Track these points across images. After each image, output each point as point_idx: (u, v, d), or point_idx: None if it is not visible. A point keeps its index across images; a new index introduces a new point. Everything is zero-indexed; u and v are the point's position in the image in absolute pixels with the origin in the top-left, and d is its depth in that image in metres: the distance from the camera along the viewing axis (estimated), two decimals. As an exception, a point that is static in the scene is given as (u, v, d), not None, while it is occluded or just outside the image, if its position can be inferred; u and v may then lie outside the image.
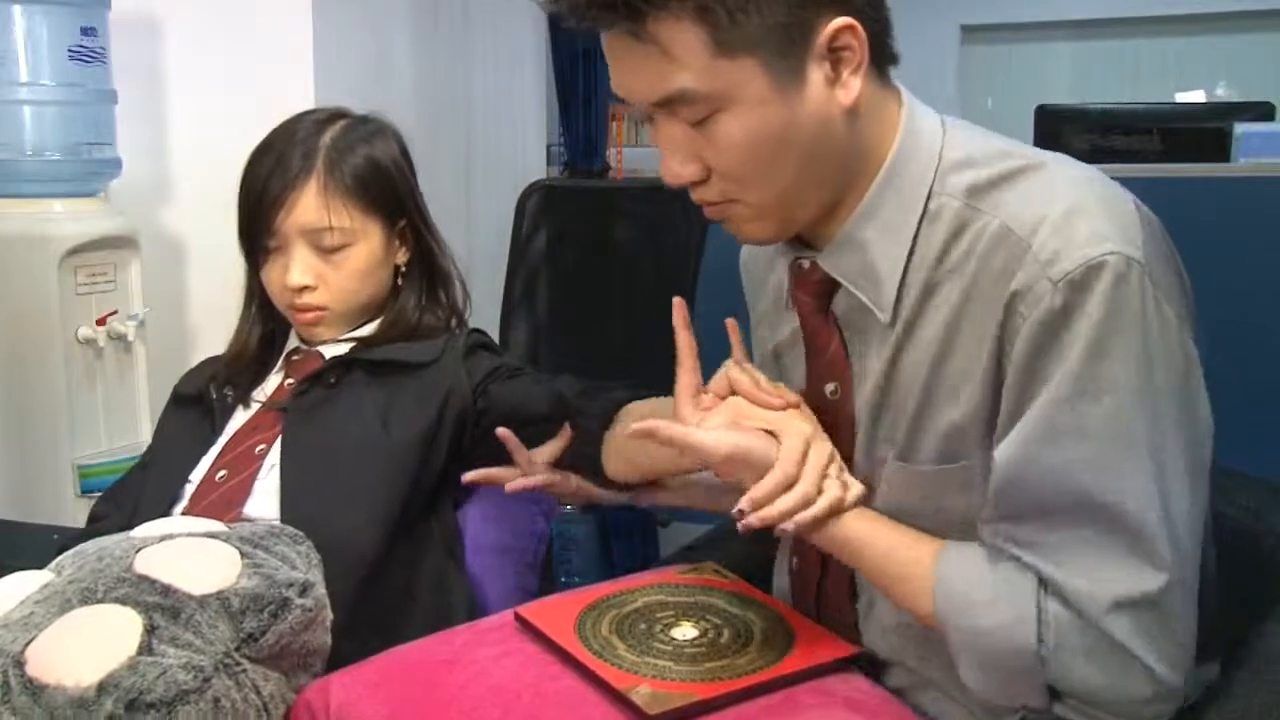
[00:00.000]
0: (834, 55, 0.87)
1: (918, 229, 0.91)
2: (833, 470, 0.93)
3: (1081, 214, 0.83)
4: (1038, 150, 0.92)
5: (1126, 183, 0.90)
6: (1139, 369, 0.81)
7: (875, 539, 0.93)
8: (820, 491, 0.91)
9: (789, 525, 0.89)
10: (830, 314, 0.97)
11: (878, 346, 0.94)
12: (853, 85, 0.88)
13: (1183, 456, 0.84)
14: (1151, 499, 0.82)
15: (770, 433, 0.93)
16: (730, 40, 0.84)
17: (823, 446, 0.93)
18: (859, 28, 0.87)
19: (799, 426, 0.93)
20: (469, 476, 1.22)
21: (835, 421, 0.97)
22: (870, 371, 0.95)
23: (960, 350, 0.88)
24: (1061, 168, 0.90)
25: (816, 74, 0.87)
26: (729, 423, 0.94)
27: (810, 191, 0.91)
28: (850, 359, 0.96)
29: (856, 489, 0.93)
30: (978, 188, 0.89)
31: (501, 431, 1.19)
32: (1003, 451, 0.85)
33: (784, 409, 0.96)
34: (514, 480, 1.18)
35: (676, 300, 1.01)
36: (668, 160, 0.91)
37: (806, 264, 0.97)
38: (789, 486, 0.89)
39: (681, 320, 1.01)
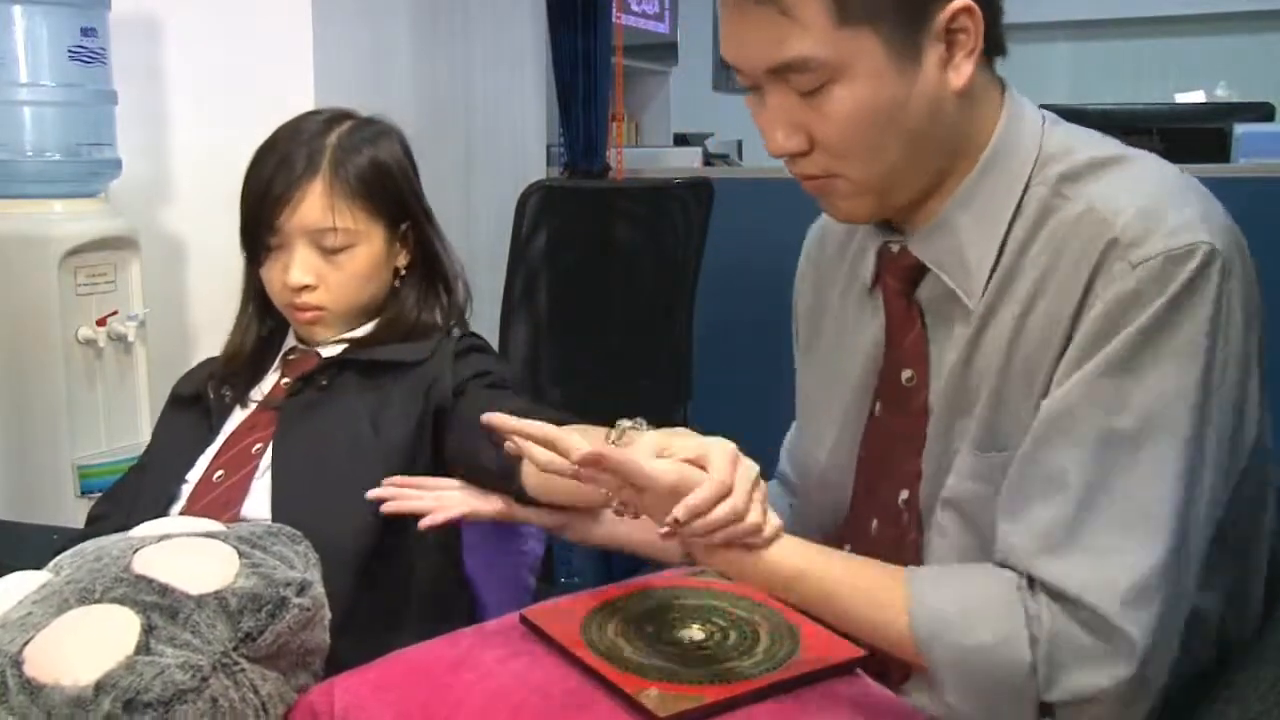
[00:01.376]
0: (950, 37, 0.88)
1: (1012, 220, 0.91)
2: (757, 495, 0.89)
3: (1169, 204, 0.84)
4: (1133, 148, 0.93)
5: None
6: (1196, 360, 0.82)
7: (831, 567, 0.91)
8: (749, 508, 0.87)
9: (718, 537, 0.86)
10: (914, 301, 0.97)
11: (958, 334, 0.94)
12: (965, 69, 0.89)
13: (1219, 451, 0.84)
14: (1166, 486, 0.81)
15: (694, 463, 0.88)
16: (854, 9, 0.85)
17: (748, 464, 0.90)
18: (977, 11, 0.87)
19: (724, 444, 0.90)
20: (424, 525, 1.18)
21: (909, 410, 0.97)
22: (949, 361, 0.95)
23: (1033, 333, 0.88)
24: (1154, 162, 0.90)
25: (932, 54, 0.88)
26: (659, 452, 0.89)
27: (912, 171, 0.92)
28: (929, 346, 0.96)
29: (776, 520, 0.90)
30: (1067, 175, 0.90)
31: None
32: (1043, 408, 0.85)
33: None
34: (427, 518, 1.16)
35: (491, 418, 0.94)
36: (772, 130, 0.91)
37: (896, 248, 0.97)
38: (723, 497, 0.85)
39: (513, 428, 0.94)
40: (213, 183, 2.01)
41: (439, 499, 1.19)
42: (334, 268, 1.26)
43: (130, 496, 1.30)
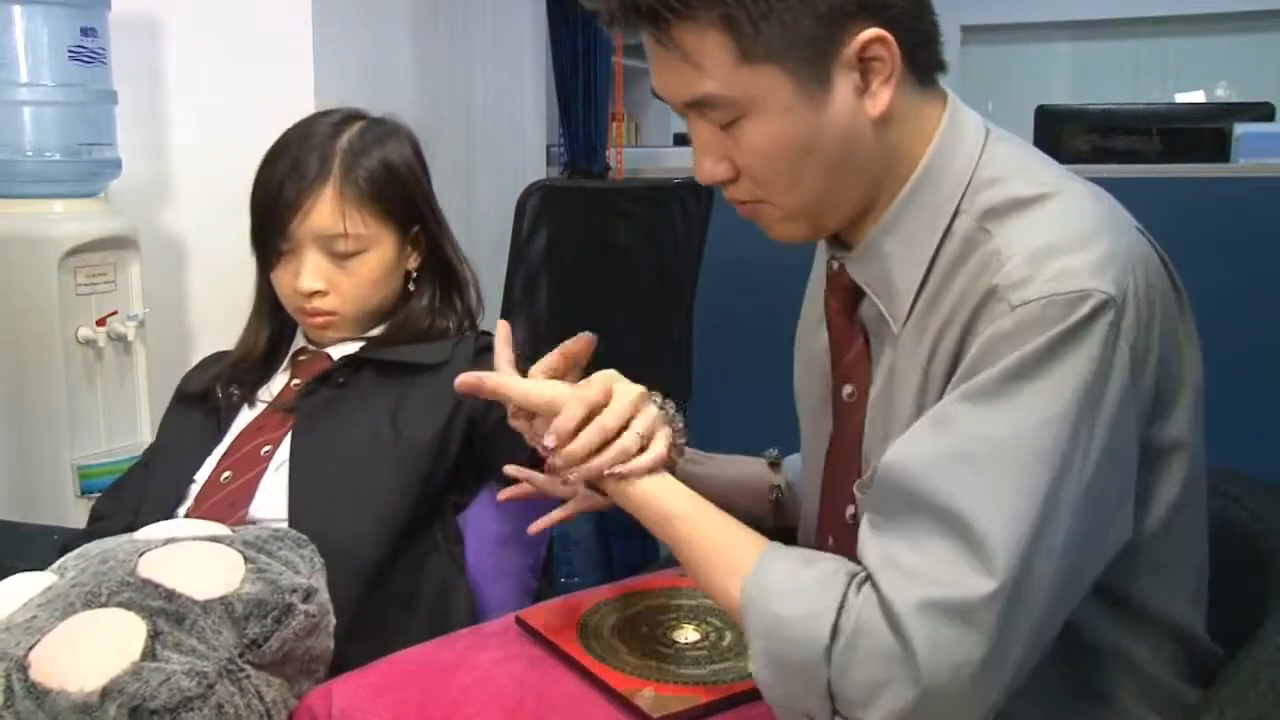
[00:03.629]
0: (864, 65, 0.86)
1: (940, 244, 0.90)
2: (639, 420, 0.91)
3: (1064, 249, 0.82)
4: (1065, 178, 0.90)
5: (1126, 183, 0.89)
6: (1061, 400, 0.79)
7: (706, 519, 0.91)
8: (621, 429, 0.90)
9: (593, 465, 0.89)
10: (857, 317, 0.97)
11: (888, 357, 0.94)
12: (882, 96, 0.87)
13: (1085, 496, 0.80)
14: (1011, 518, 0.78)
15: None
16: (754, 49, 0.84)
17: (630, 389, 0.92)
18: (889, 39, 0.86)
19: (608, 374, 0.93)
20: (504, 495, 1.18)
21: (848, 425, 0.97)
22: (881, 384, 0.94)
23: (932, 373, 0.88)
24: (1071, 201, 0.87)
25: (845, 83, 0.86)
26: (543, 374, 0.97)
27: (838, 198, 0.91)
28: (873, 365, 0.96)
29: (659, 448, 0.91)
30: (991, 211, 0.88)
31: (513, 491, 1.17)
32: (904, 435, 0.84)
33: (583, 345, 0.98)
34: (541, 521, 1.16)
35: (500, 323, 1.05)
36: (700, 159, 0.92)
37: (836, 265, 0.97)
38: (592, 416, 0.88)
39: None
40: (213, 183, 2.02)
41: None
42: (345, 273, 1.26)
43: (135, 495, 1.30)
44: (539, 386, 0.94)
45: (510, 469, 1.16)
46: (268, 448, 1.25)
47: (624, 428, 0.91)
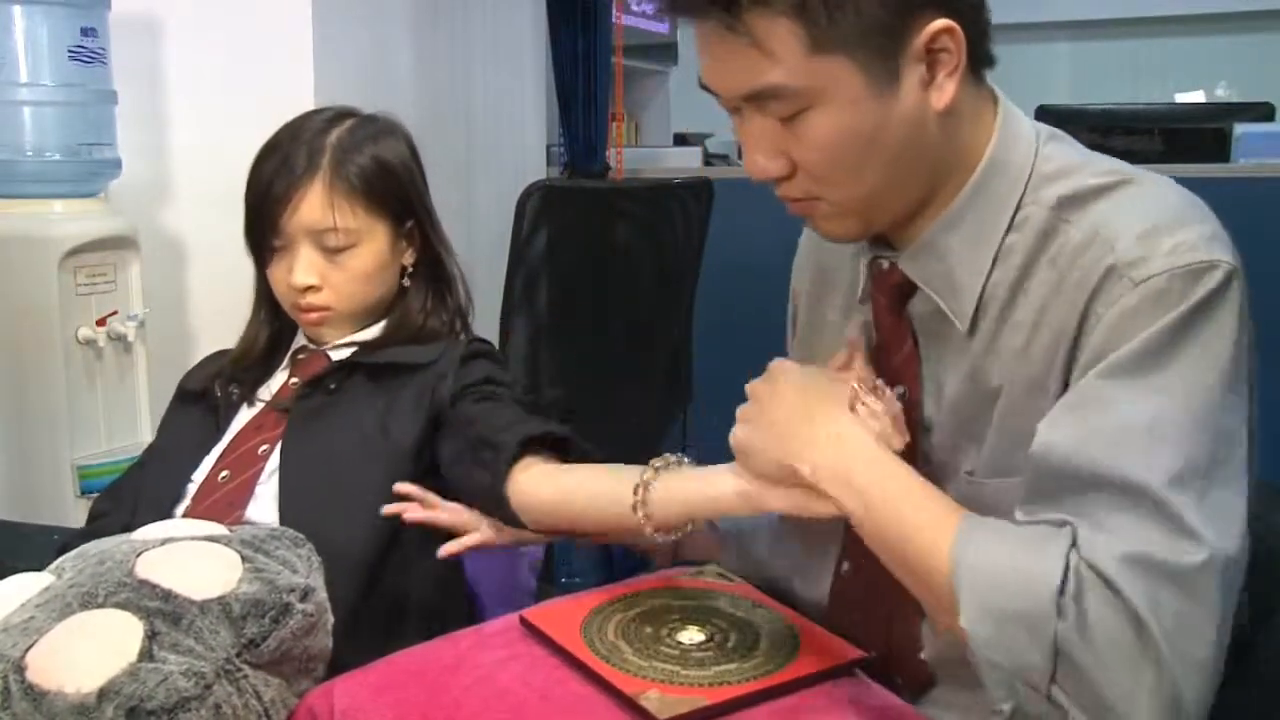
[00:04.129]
0: (931, 57, 0.86)
1: (1003, 239, 0.89)
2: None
3: (1171, 226, 0.83)
4: (1131, 166, 0.91)
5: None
6: (1201, 371, 0.80)
7: (898, 473, 0.87)
8: None
9: None
10: (906, 316, 0.96)
11: (954, 357, 0.93)
12: (948, 88, 0.86)
13: (1243, 464, 0.81)
14: (1187, 485, 0.77)
15: None
16: (826, 38, 0.83)
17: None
18: (958, 30, 0.85)
19: None
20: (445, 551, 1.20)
21: None
22: (946, 381, 0.93)
23: (1035, 359, 0.87)
24: (1155, 183, 0.88)
25: (912, 75, 0.86)
26: None
27: (896, 193, 0.90)
28: (922, 363, 0.95)
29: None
30: (1068, 199, 0.88)
31: (413, 516, 1.20)
32: (1047, 420, 0.83)
33: None
34: (448, 546, 1.19)
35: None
36: (753, 154, 0.90)
37: (886, 265, 0.96)
38: None
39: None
40: (213, 183, 2.01)
41: (460, 523, 1.20)
42: (337, 268, 1.26)
43: (133, 494, 1.30)
44: None
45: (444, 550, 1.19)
46: (265, 447, 1.25)
47: None
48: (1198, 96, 4.80)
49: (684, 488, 1.01)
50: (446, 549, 1.19)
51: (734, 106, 0.90)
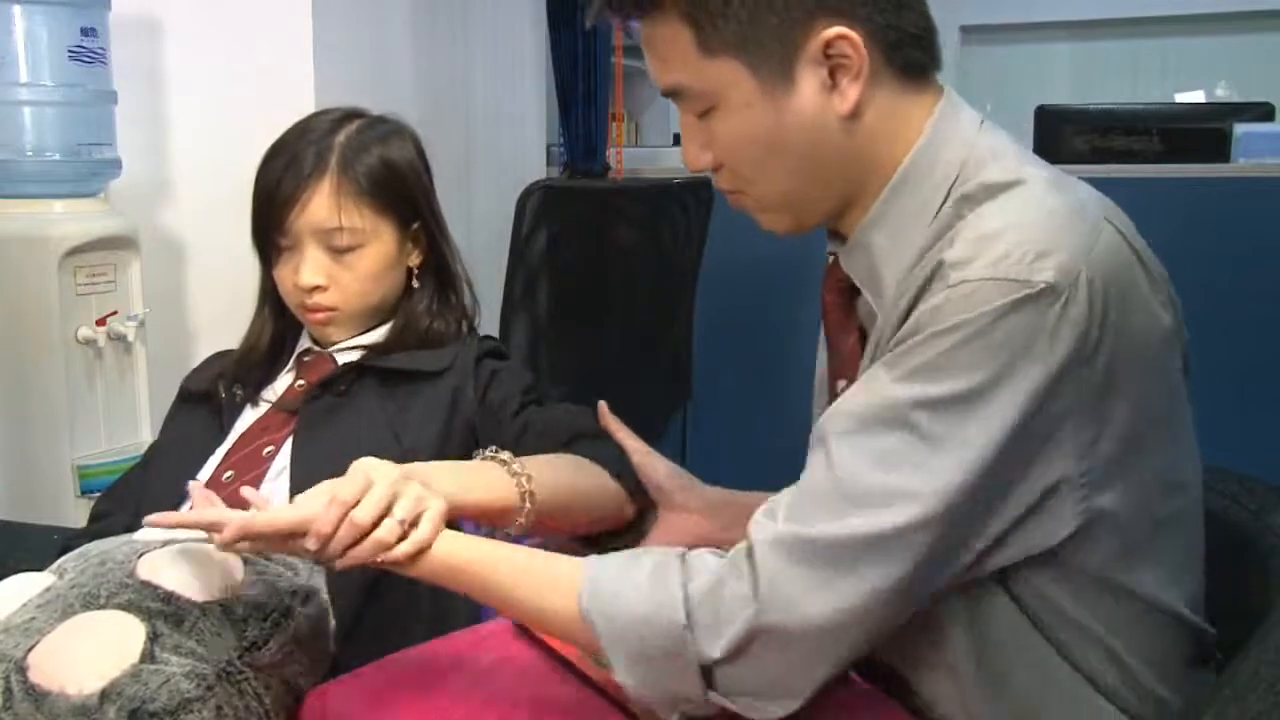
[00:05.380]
0: (830, 62, 0.87)
1: (925, 239, 0.89)
2: (400, 508, 0.92)
3: (1013, 236, 0.81)
4: (1033, 166, 0.89)
5: (1126, 183, 0.89)
6: (975, 377, 0.79)
7: (503, 557, 0.92)
8: (373, 522, 0.90)
9: (350, 557, 0.90)
10: (854, 310, 0.98)
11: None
12: (850, 93, 0.87)
13: (985, 478, 0.80)
14: (915, 478, 0.80)
15: None
16: (713, 42, 0.87)
17: (384, 478, 0.94)
18: (854, 37, 0.86)
19: (362, 465, 0.96)
20: None
21: None
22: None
23: (871, 353, 0.89)
24: (1034, 189, 0.86)
25: (811, 80, 0.87)
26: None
27: (812, 193, 0.92)
28: (865, 359, 0.96)
29: (421, 533, 0.92)
30: (966, 197, 0.88)
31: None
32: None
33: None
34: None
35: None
36: (686, 145, 0.94)
37: (831, 258, 0.98)
38: (342, 517, 0.90)
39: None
40: (213, 183, 2.02)
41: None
42: (344, 268, 1.26)
43: (135, 494, 1.30)
44: (285, 511, 0.92)
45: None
46: (270, 448, 1.25)
47: (384, 516, 0.91)
48: (1197, 96, 4.80)
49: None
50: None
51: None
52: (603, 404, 1.07)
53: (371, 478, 0.93)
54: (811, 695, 0.83)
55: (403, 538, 0.92)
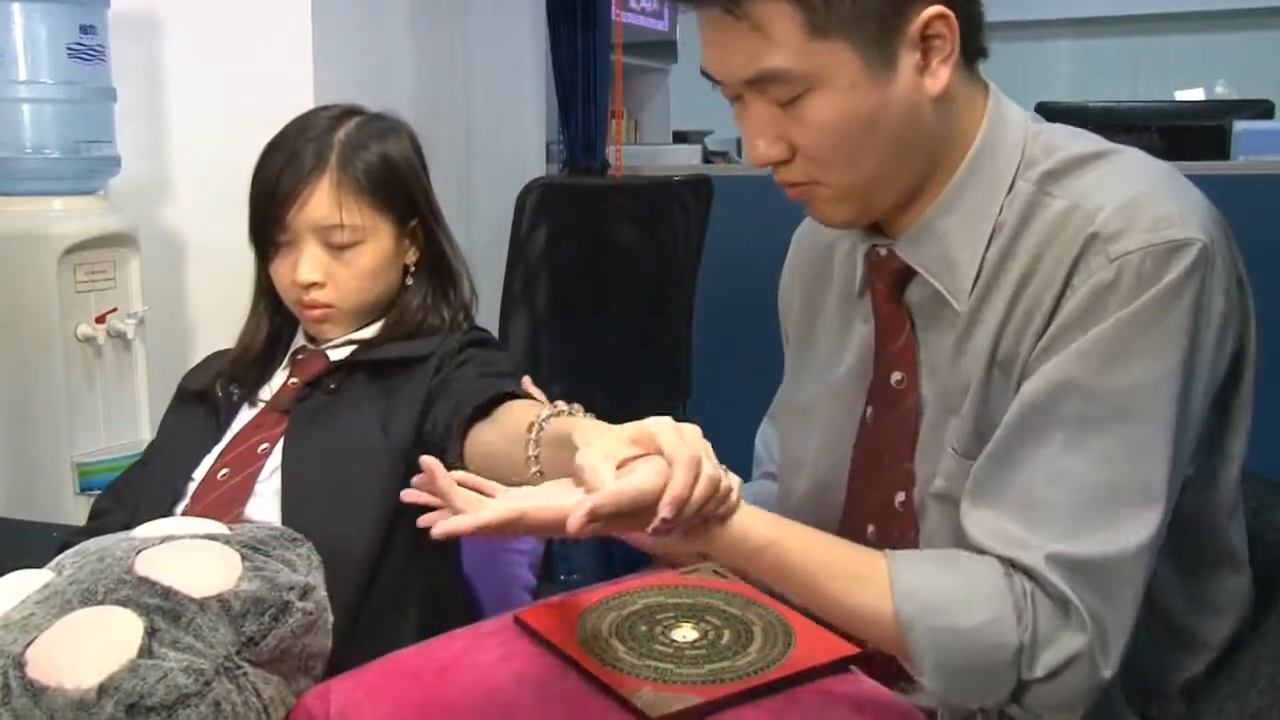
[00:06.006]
0: (926, 44, 0.89)
1: (997, 219, 0.92)
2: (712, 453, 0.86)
3: (1151, 199, 0.85)
4: (1115, 144, 0.93)
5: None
6: (1174, 351, 0.83)
7: (804, 539, 0.90)
8: (719, 472, 0.83)
9: (705, 512, 0.83)
10: (903, 303, 0.98)
11: (947, 336, 0.95)
12: (942, 74, 0.89)
13: (1186, 442, 0.86)
14: (1150, 467, 0.83)
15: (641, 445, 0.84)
16: (825, 22, 0.86)
17: (695, 431, 0.84)
18: (952, 18, 0.88)
19: (656, 419, 0.84)
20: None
21: (898, 412, 0.98)
22: (940, 362, 0.95)
23: (1012, 330, 0.89)
24: (1138, 156, 0.91)
25: (908, 61, 0.89)
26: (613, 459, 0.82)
27: (894, 177, 0.92)
28: (919, 348, 0.97)
29: (736, 478, 0.88)
30: (1051, 173, 0.91)
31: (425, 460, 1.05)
32: (1018, 397, 0.86)
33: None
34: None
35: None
36: (753, 140, 0.92)
37: (884, 251, 0.98)
38: (697, 475, 0.80)
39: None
40: (212, 180, 2.01)
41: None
42: (342, 265, 1.26)
43: (134, 492, 1.30)
44: (625, 484, 0.80)
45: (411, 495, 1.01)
46: (264, 446, 1.25)
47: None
48: (1197, 94, 4.80)
49: (573, 433, 0.92)
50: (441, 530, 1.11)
51: (735, 94, 0.93)
52: (525, 379, 1.04)
53: (684, 433, 0.83)
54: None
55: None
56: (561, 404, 1.00)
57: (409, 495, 0.94)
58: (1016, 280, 0.90)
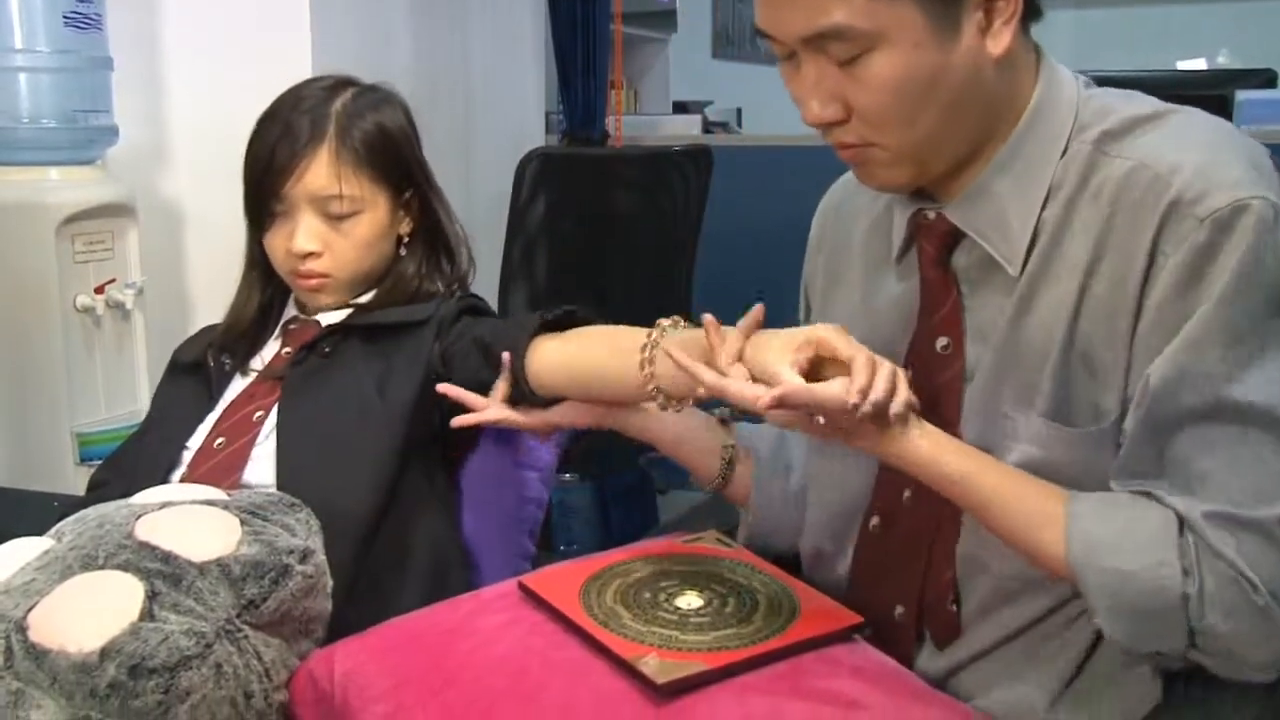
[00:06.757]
0: (989, 4, 0.88)
1: (1052, 181, 0.91)
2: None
3: (1223, 158, 0.85)
4: (1172, 104, 0.93)
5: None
6: (1274, 312, 0.82)
7: (990, 474, 0.90)
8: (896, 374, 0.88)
9: (891, 407, 0.86)
10: (950, 268, 0.97)
11: (1001, 300, 0.94)
12: (1004, 36, 0.89)
13: None
14: None
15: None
16: None
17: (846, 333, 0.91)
18: None
19: (822, 327, 0.91)
20: (458, 421, 1.19)
21: (942, 378, 0.97)
22: (990, 327, 0.94)
23: (1097, 302, 0.88)
24: (1198, 115, 0.90)
25: (971, 22, 0.88)
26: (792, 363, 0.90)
27: (949, 139, 0.92)
28: (965, 314, 0.96)
29: (912, 397, 0.90)
30: (1108, 133, 0.90)
31: (441, 387, 1.19)
32: (1154, 375, 0.85)
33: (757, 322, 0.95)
34: (467, 416, 1.18)
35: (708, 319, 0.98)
36: (808, 100, 0.91)
37: (932, 215, 0.97)
38: (875, 370, 0.86)
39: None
40: (211, 150, 2.00)
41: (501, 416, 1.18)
42: (339, 235, 1.26)
43: (131, 463, 1.30)
44: (822, 390, 0.87)
45: (450, 389, 1.18)
46: (259, 413, 1.25)
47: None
48: (1199, 64, 4.77)
49: (694, 344, 0.99)
50: (460, 420, 1.18)
51: (789, 52, 0.91)
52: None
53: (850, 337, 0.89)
54: None
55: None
56: (664, 320, 1.04)
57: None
58: (1090, 247, 0.88)
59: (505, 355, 1.16)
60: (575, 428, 1.20)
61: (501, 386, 1.17)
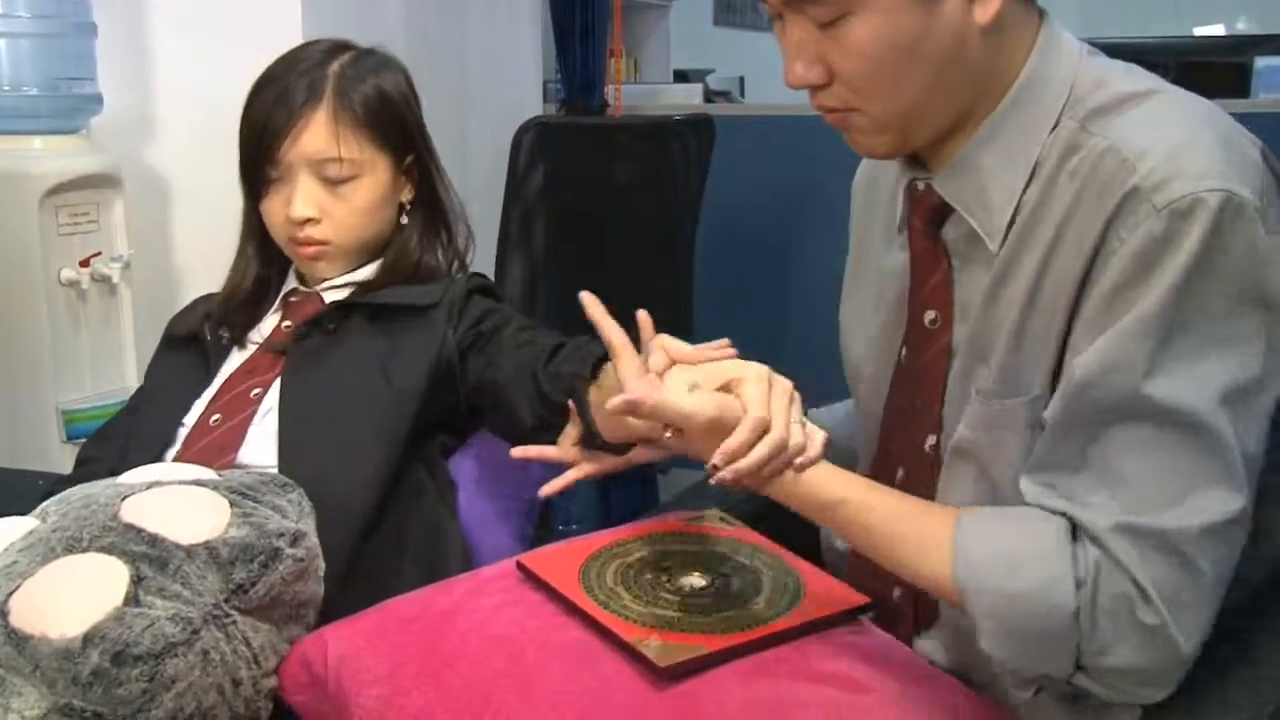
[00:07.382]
0: None
1: (1038, 158, 0.88)
2: (795, 413, 0.87)
3: (1195, 146, 0.81)
4: (1165, 83, 0.89)
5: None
6: (1229, 310, 0.79)
7: (875, 499, 0.89)
8: (790, 435, 0.85)
9: (765, 472, 0.84)
10: (940, 241, 0.95)
11: (981, 277, 0.92)
12: (991, 3, 0.86)
13: (1263, 408, 0.81)
14: (1227, 425, 0.79)
15: (726, 390, 0.87)
16: None
17: (783, 385, 0.87)
18: None
19: (756, 369, 0.88)
20: (518, 453, 1.12)
21: (930, 353, 0.95)
22: (970, 304, 0.92)
23: (1053, 276, 0.86)
24: (1182, 97, 0.87)
25: None
26: (691, 386, 0.87)
27: (934, 108, 0.89)
28: (954, 288, 0.94)
29: (820, 435, 0.88)
30: (1095, 110, 0.87)
31: (517, 452, 1.11)
32: (1078, 367, 0.82)
33: (727, 356, 0.90)
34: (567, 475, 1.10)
35: (585, 296, 0.96)
36: (791, 62, 0.90)
37: (921, 186, 0.95)
38: (763, 433, 0.83)
39: (599, 313, 0.96)
40: (198, 119, 1.98)
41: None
42: (338, 200, 1.23)
43: (122, 438, 1.28)
44: (698, 405, 0.85)
45: (520, 452, 1.11)
46: (257, 390, 1.22)
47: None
48: (1217, 30, 4.72)
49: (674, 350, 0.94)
50: (550, 488, 1.09)
51: (776, 13, 0.90)
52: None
53: (774, 387, 0.87)
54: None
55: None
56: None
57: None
58: (1055, 226, 0.86)
59: (571, 404, 1.09)
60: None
61: (572, 433, 1.10)
